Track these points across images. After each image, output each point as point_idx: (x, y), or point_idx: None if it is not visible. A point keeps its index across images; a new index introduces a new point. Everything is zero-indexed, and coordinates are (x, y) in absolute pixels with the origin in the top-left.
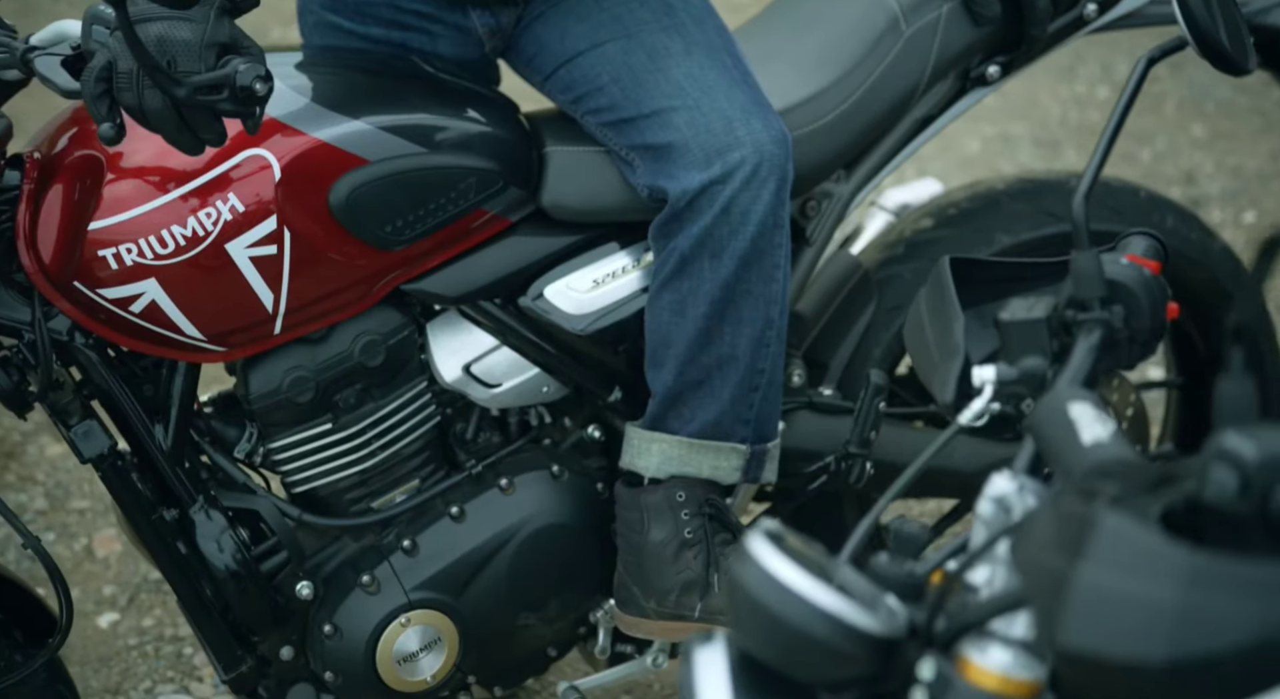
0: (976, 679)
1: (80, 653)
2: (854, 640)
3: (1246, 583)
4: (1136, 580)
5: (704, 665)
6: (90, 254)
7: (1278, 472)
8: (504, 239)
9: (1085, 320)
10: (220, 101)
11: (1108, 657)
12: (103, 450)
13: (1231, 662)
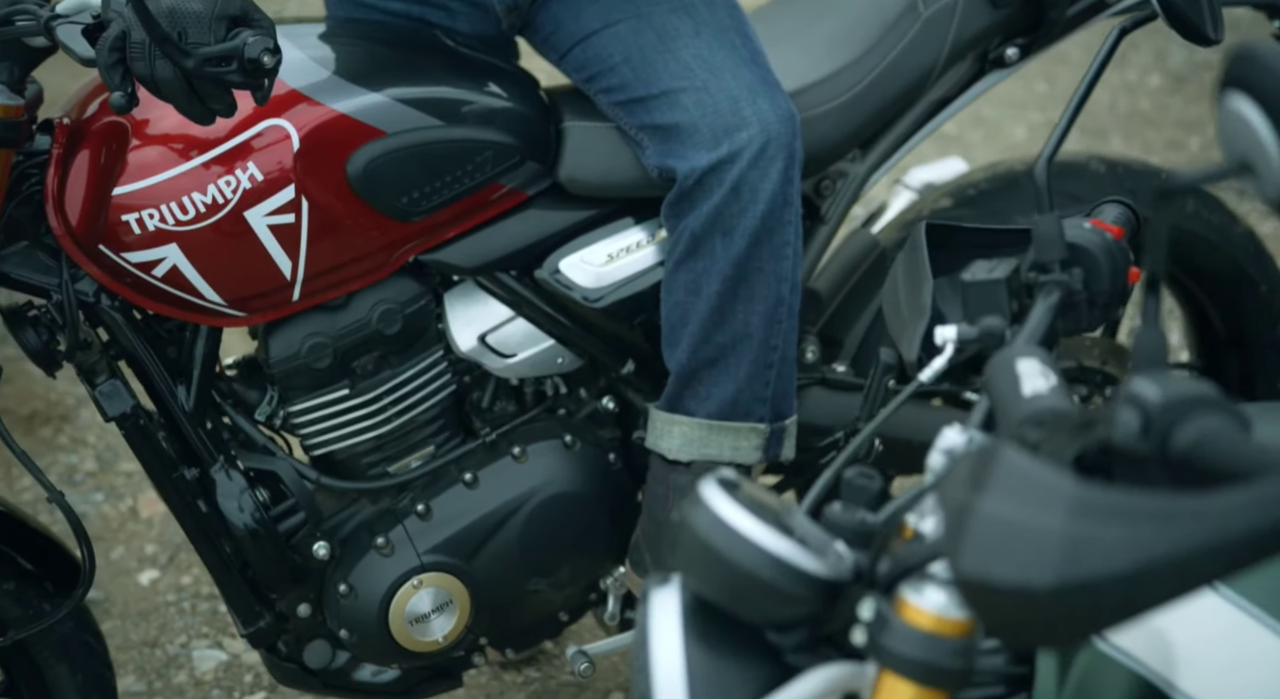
0: (912, 619)
1: (121, 607)
2: (798, 582)
3: (1128, 513)
4: (1028, 510)
5: (658, 606)
6: (115, 218)
7: (1178, 414)
8: (521, 212)
9: (1045, 282)
10: (228, 73)
11: (999, 582)
12: (125, 409)
13: (1112, 586)
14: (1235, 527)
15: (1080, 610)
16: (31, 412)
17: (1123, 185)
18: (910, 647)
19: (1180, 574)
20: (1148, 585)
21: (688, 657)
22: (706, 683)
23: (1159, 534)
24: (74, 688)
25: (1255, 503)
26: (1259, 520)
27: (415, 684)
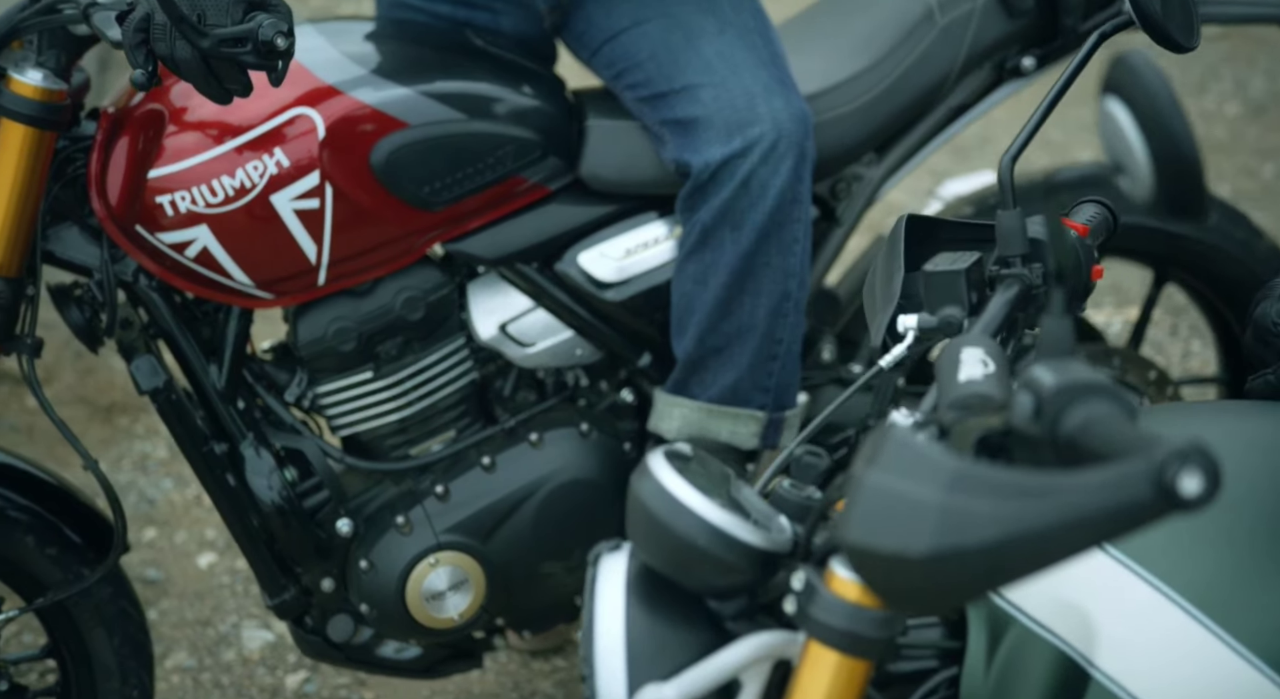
0: (839, 590)
1: (180, 587)
2: (735, 551)
3: (999, 487)
4: (910, 483)
5: (605, 572)
6: (150, 200)
7: (1068, 399)
8: (543, 206)
9: (1005, 275)
10: (243, 54)
11: (879, 548)
12: (158, 384)
13: (980, 555)
14: (1092, 503)
15: (952, 576)
16: (110, 402)
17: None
18: (835, 617)
19: (1043, 545)
20: (1013, 555)
21: (629, 621)
22: (645, 646)
23: (1025, 508)
24: (111, 651)
25: (1111, 481)
26: (1113, 498)
27: (436, 663)
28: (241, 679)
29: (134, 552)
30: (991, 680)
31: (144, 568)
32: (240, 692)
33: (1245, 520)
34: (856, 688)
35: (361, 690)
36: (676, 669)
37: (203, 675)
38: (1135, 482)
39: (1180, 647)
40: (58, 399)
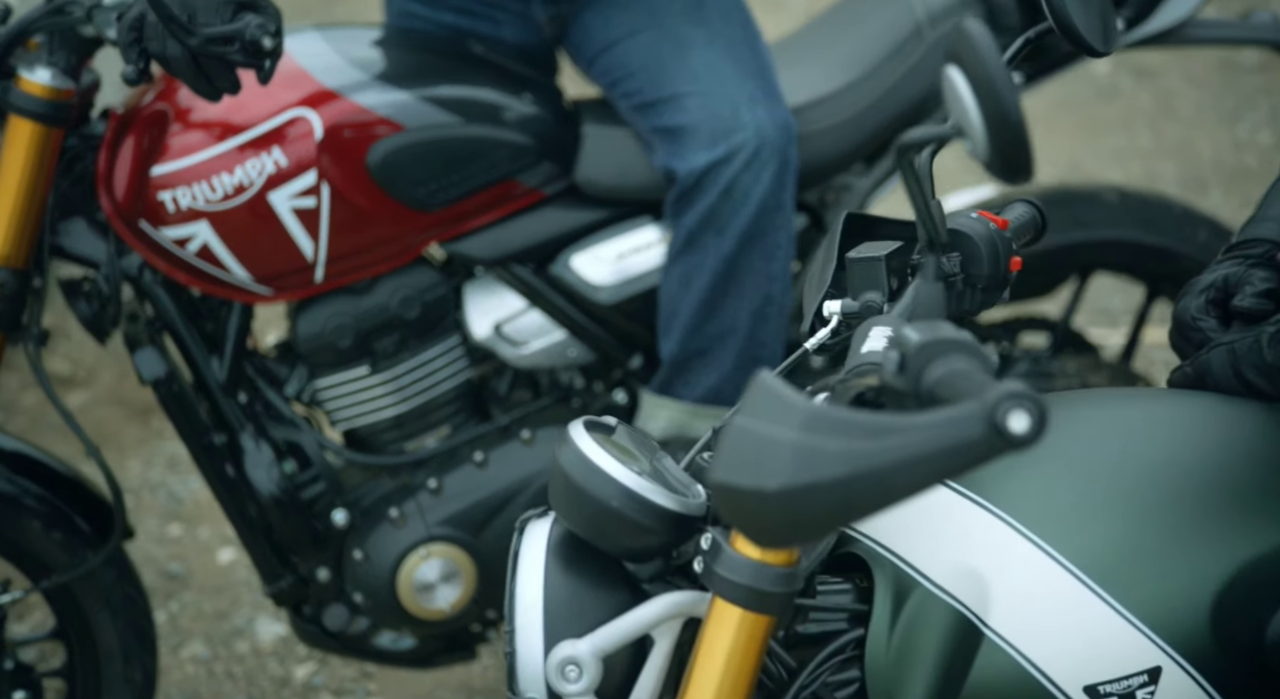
0: (742, 549)
1: (200, 581)
2: (648, 513)
3: (849, 428)
4: (769, 425)
5: (529, 537)
6: (153, 197)
7: (930, 354)
8: (538, 210)
9: (923, 263)
10: (231, 53)
11: (739, 485)
12: (160, 374)
13: (830, 490)
14: (931, 441)
15: (805, 510)
16: (146, 404)
17: (1133, 214)
18: (738, 574)
19: (888, 480)
20: (861, 490)
21: (548, 581)
22: (563, 605)
23: (871, 447)
24: (115, 634)
25: (949, 421)
26: (950, 436)
27: (430, 654)
28: (253, 670)
29: (159, 546)
30: (895, 640)
31: (168, 562)
32: (251, 682)
33: (1142, 497)
34: (759, 642)
35: (366, 683)
36: (592, 627)
37: (216, 665)
38: (970, 421)
39: (1069, 610)
40: (96, 400)
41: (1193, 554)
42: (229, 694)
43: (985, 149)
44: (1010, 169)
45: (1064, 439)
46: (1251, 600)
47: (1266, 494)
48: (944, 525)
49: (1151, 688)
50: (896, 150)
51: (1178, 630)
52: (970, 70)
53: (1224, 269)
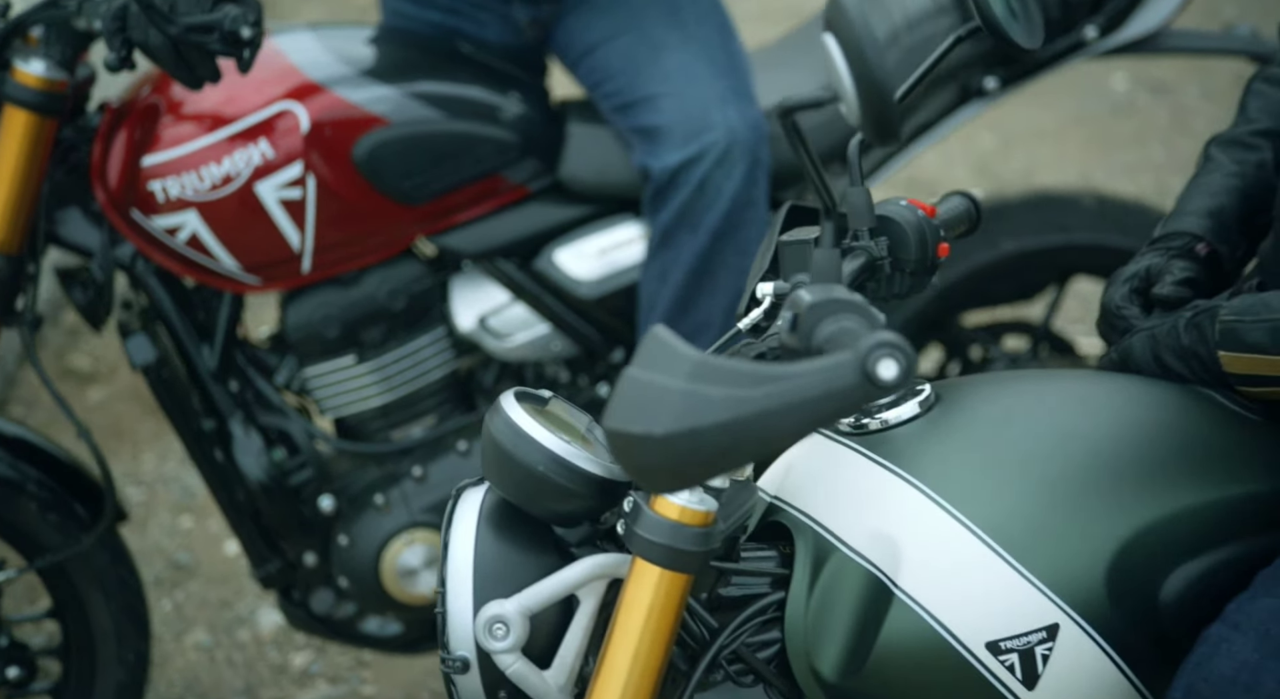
0: (661, 510)
1: (207, 571)
2: (574, 478)
3: (732, 376)
4: (659, 375)
5: (463, 504)
6: (144, 186)
7: (821, 314)
8: (523, 205)
9: (852, 247)
10: (210, 42)
11: (628, 431)
12: (150, 360)
13: (713, 433)
14: (808, 387)
15: (690, 454)
16: None
17: (1110, 220)
18: (656, 534)
19: (768, 425)
20: (742, 434)
21: (479, 545)
22: (492, 567)
23: (752, 393)
24: (108, 615)
25: (824, 369)
26: (825, 382)
27: (417, 640)
28: (252, 657)
29: (169, 537)
30: (813, 602)
31: (177, 553)
32: (250, 669)
33: (1048, 468)
34: (676, 599)
35: (361, 671)
36: (520, 588)
37: (217, 653)
38: (843, 369)
39: (974, 572)
40: (115, 395)
41: (1091, 520)
42: (228, 681)
43: (857, 111)
44: (879, 131)
45: (981, 415)
46: (1146, 564)
47: (1164, 465)
48: (863, 495)
49: (1050, 644)
50: (778, 113)
51: (1075, 591)
52: (842, 38)
53: (1147, 260)
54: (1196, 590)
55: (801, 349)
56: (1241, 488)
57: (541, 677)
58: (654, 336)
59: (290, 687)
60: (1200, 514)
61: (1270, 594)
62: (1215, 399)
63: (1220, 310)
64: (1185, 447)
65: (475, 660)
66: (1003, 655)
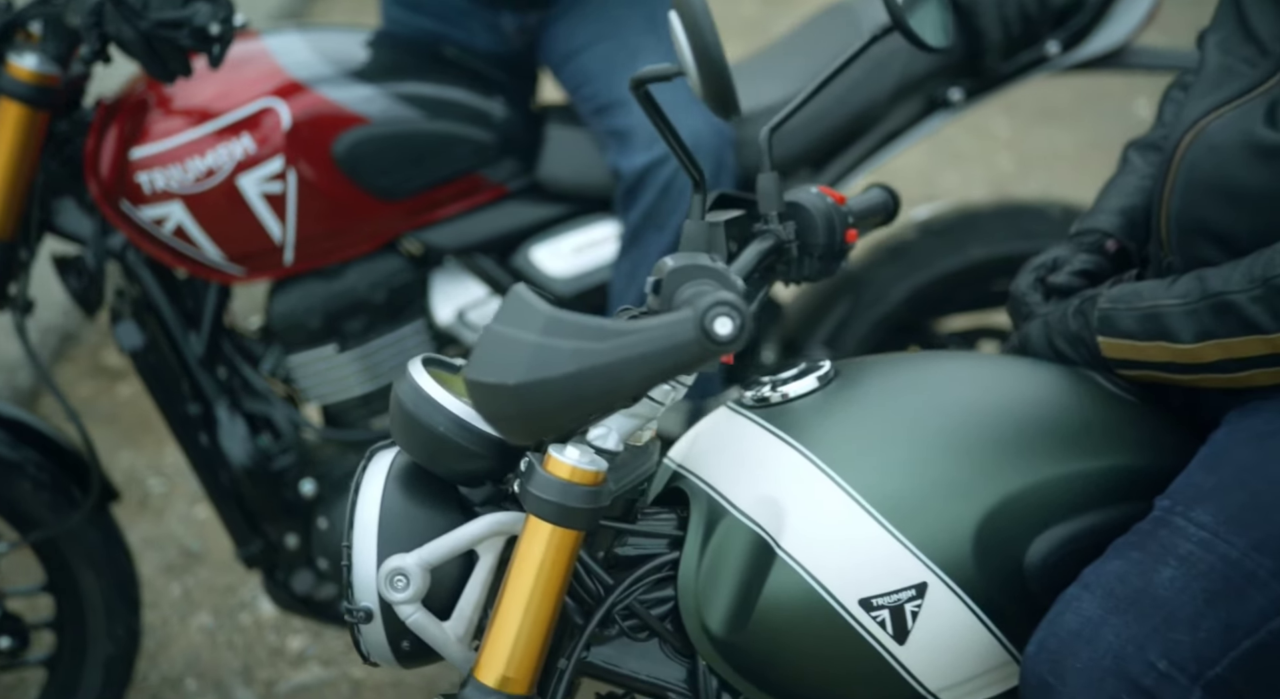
0: (553, 470)
1: (215, 558)
2: (474, 438)
3: (582, 331)
4: (515, 329)
5: (373, 465)
6: (132, 178)
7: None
8: (502, 204)
9: (761, 230)
10: (180, 37)
11: (485, 381)
12: (137, 346)
13: (561, 383)
14: (650, 342)
15: (540, 403)
16: None
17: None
18: (547, 492)
19: (612, 377)
20: (588, 385)
21: (385, 502)
22: (397, 523)
23: (599, 346)
24: (99, 591)
25: (666, 325)
26: (666, 338)
27: None
28: (252, 640)
29: (184, 526)
30: (705, 561)
31: (189, 541)
32: (249, 651)
33: (925, 438)
34: (567, 555)
35: (353, 654)
36: (422, 543)
37: (219, 635)
38: (683, 326)
39: (850, 533)
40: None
41: (961, 487)
42: (226, 661)
43: (699, 84)
44: (718, 103)
45: (873, 390)
46: (1012, 528)
47: (1035, 439)
48: (756, 462)
49: (919, 601)
50: (631, 84)
51: (943, 552)
52: (684, 17)
53: (1055, 251)
54: (1060, 555)
55: (663, 310)
56: (1107, 461)
57: (441, 627)
58: (514, 294)
59: (285, 668)
60: (1066, 484)
61: (1120, 557)
62: (1095, 380)
63: (1100, 298)
64: (1058, 422)
65: (378, 611)
66: (874, 611)
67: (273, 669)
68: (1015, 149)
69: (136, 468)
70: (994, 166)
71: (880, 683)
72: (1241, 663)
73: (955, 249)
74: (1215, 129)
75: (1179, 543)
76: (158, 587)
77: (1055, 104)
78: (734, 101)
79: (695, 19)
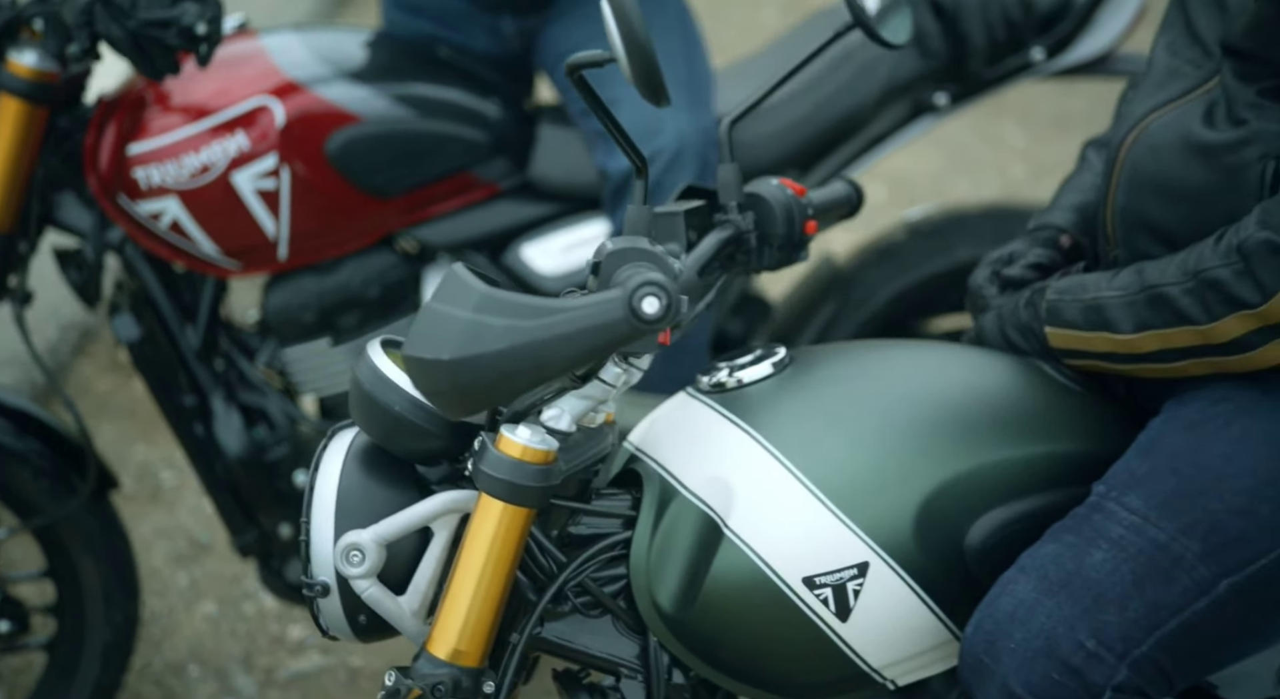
0: (505, 449)
1: (223, 550)
2: (429, 419)
3: (514, 309)
4: (450, 306)
5: (333, 444)
6: (129, 173)
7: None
8: (494, 202)
9: (721, 220)
10: (167, 37)
11: (420, 356)
12: (134, 337)
13: (493, 359)
14: (580, 320)
15: (472, 378)
16: None
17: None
18: (499, 470)
19: (543, 353)
20: (519, 360)
21: (343, 480)
22: (354, 500)
23: (530, 324)
24: (97, 577)
25: (596, 304)
26: (595, 316)
27: None
28: (254, 629)
29: (194, 518)
30: (656, 540)
31: (198, 532)
32: (250, 639)
33: (875, 424)
34: (518, 532)
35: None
36: (379, 519)
37: (223, 623)
38: (612, 304)
39: (795, 514)
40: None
41: (904, 471)
42: (228, 648)
43: (628, 70)
44: (648, 89)
45: (825, 376)
46: (953, 511)
47: (978, 425)
48: (708, 445)
49: (860, 580)
50: (566, 68)
51: (885, 533)
52: (614, 7)
53: (1012, 246)
54: (1000, 537)
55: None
56: (1049, 447)
57: (396, 602)
58: (451, 273)
59: (284, 655)
60: (1006, 469)
61: (1055, 541)
62: (1043, 369)
63: (1048, 290)
64: (1001, 409)
65: (335, 586)
66: (817, 590)
67: (272, 657)
68: (1029, 158)
69: (150, 461)
70: (1006, 174)
71: (824, 659)
72: (1167, 642)
73: (943, 250)
74: (1156, 128)
75: (1111, 527)
76: (166, 576)
77: (1070, 112)
78: (662, 87)
79: (624, 9)
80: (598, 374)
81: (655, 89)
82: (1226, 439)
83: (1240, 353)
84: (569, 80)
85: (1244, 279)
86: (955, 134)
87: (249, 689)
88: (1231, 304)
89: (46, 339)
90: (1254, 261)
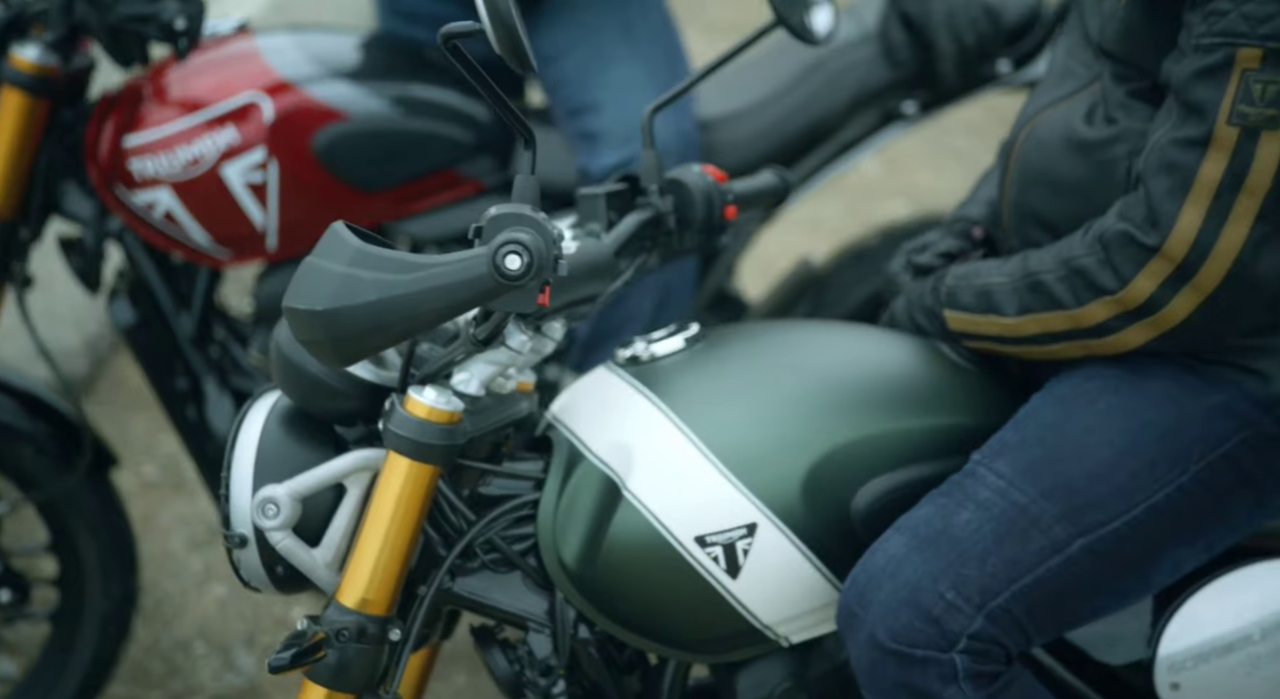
0: (412, 410)
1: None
2: (342, 380)
3: (386, 263)
4: (328, 261)
5: (255, 405)
6: (125, 164)
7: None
8: (478, 199)
9: (641, 203)
10: (147, 30)
11: (298, 307)
12: (130, 322)
13: (365, 311)
14: (447, 275)
15: (345, 329)
16: None
17: None
18: (405, 429)
19: (411, 306)
20: (389, 313)
21: (263, 438)
22: (272, 457)
23: (400, 278)
24: (95, 552)
25: (462, 260)
26: (462, 272)
27: None
28: (260, 610)
29: (210, 507)
30: (562, 502)
31: (216, 520)
32: (256, 620)
33: (770, 394)
34: (424, 488)
35: None
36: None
37: (230, 605)
38: (477, 261)
39: (689, 476)
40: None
41: (794, 437)
42: (233, 629)
43: (494, 40)
44: (512, 55)
45: (731, 352)
46: (840, 477)
47: (867, 397)
48: (616, 413)
49: (749, 539)
50: (440, 39)
51: (773, 495)
52: None
53: (928, 236)
54: (884, 503)
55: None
56: (934, 420)
57: (310, 553)
58: (331, 231)
59: (285, 635)
60: (892, 439)
61: (930, 504)
62: (939, 349)
63: (947, 276)
64: (892, 385)
65: (252, 537)
66: (708, 548)
67: (274, 636)
68: None
69: (177, 452)
70: None
71: (716, 615)
72: (1022, 595)
73: None
74: (1044, 125)
75: (979, 490)
76: (181, 559)
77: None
78: (526, 56)
79: None
80: (505, 341)
81: (520, 58)
82: (1091, 413)
83: (1104, 336)
84: (444, 49)
85: (1105, 267)
86: (976, 150)
87: (249, 667)
88: (1095, 290)
89: (86, 333)
90: (1112, 251)
